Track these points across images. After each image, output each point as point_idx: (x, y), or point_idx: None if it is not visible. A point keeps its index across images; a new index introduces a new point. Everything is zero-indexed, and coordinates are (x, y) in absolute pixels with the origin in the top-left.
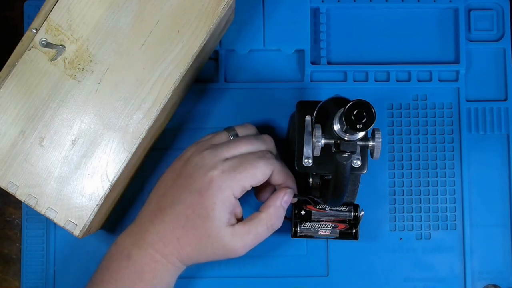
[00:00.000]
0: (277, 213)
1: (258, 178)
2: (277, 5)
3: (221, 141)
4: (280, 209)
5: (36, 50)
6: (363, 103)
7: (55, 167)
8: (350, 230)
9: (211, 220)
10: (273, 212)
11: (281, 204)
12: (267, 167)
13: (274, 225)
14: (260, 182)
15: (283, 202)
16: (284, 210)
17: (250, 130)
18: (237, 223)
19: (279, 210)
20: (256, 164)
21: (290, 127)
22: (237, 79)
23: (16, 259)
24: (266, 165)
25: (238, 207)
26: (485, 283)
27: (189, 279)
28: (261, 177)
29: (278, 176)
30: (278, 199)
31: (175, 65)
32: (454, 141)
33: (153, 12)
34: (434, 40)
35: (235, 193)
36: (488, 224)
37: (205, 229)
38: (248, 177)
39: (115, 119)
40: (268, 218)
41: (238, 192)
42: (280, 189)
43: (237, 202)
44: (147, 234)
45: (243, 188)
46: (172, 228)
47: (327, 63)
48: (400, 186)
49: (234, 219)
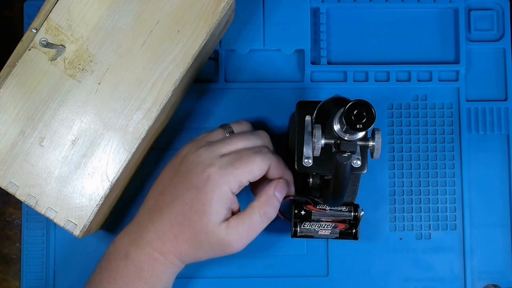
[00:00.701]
0: (270, 202)
1: (255, 173)
2: (277, 5)
3: (217, 138)
4: (273, 198)
5: (36, 50)
6: (363, 103)
7: (55, 167)
8: (350, 230)
9: (207, 216)
10: (265, 200)
11: (274, 193)
12: (264, 162)
13: (267, 213)
14: (257, 177)
15: (276, 191)
16: (278, 201)
17: (245, 126)
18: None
19: (271, 199)
20: (253, 159)
21: (290, 127)
22: (237, 79)
23: (16, 259)
24: (263, 160)
25: (235, 203)
26: (485, 283)
27: (189, 279)
28: (258, 171)
29: (275, 170)
30: (270, 188)
31: (175, 65)
32: (454, 141)
33: (153, 12)
34: (434, 40)
35: (233, 188)
36: (488, 224)
37: (202, 225)
38: (245, 172)
39: (115, 119)
40: (260, 206)
41: (236, 188)
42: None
43: (234, 198)
44: (145, 233)
45: (241, 183)
46: (169, 225)
47: (327, 63)
48: (400, 186)
49: (231, 215)
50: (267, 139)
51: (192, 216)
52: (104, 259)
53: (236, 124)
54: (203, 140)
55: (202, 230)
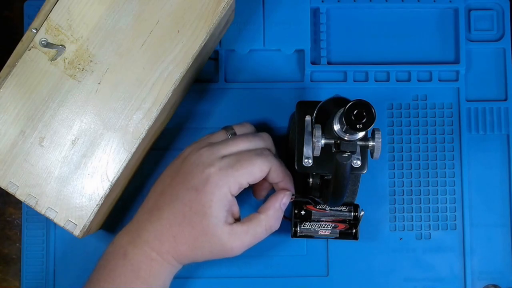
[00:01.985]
0: (276, 215)
1: (255, 175)
2: (277, 5)
3: (219, 140)
4: (279, 211)
5: (36, 50)
6: (363, 103)
7: (55, 167)
8: (350, 230)
9: (208, 218)
10: (272, 214)
11: (280, 206)
12: (264, 164)
13: (273, 227)
14: (257, 180)
15: (281, 204)
16: (283, 212)
17: (248, 128)
18: (235, 223)
19: (278, 212)
20: (254, 161)
21: (290, 127)
22: (237, 79)
23: (16, 259)
24: (263, 162)
25: (235, 205)
26: (485, 283)
27: (188, 279)
28: (259, 174)
29: (275, 174)
30: (277, 201)
31: (175, 65)
32: (454, 141)
33: (153, 12)
34: (434, 40)
35: (232, 190)
36: (488, 224)
37: (202, 227)
38: (246, 174)
39: (115, 119)
40: (267, 220)
41: (235, 189)
42: (279, 191)
43: (234, 200)
44: (144, 232)
45: (240, 185)
46: (168, 226)
47: (327, 63)
48: (400, 186)
49: (231, 218)
50: (270, 141)
51: (192, 217)
52: (103, 258)
53: (239, 126)
54: (205, 142)
55: (202, 233)
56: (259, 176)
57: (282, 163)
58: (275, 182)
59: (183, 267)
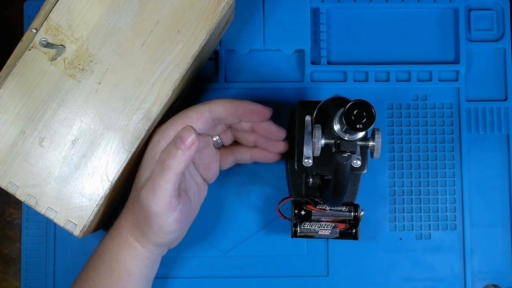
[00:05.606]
0: (167, 148)
1: (191, 117)
2: (277, 5)
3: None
4: (171, 145)
5: (36, 50)
6: (363, 103)
7: (55, 167)
8: (350, 230)
9: (137, 182)
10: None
11: (175, 142)
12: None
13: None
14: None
15: (177, 139)
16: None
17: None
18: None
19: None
20: (187, 113)
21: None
22: (237, 79)
23: (16, 259)
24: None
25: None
26: (485, 283)
27: (188, 279)
28: (194, 115)
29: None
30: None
31: (175, 65)
32: (454, 141)
33: (153, 12)
34: (434, 40)
35: (167, 139)
36: (488, 224)
37: (133, 194)
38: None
39: (115, 119)
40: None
41: (170, 137)
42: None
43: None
44: (118, 219)
45: (169, 137)
46: (131, 204)
47: (327, 63)
48: (400, 186)
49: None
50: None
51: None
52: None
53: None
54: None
55: (132, 198)
56: (195, 118)
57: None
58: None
59: (183, 267)
